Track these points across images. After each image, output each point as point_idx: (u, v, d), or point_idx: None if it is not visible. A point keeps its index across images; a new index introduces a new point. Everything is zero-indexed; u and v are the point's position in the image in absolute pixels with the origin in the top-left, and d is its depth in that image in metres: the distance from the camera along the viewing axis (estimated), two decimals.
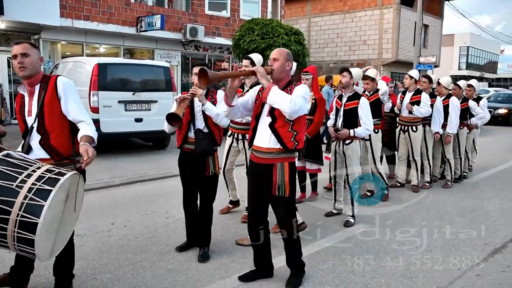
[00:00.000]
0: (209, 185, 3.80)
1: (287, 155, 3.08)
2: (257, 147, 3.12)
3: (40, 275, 3.33)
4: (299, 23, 24.83)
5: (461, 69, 44.19)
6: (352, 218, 4.79)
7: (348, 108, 4.79)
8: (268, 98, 2.92)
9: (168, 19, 14.99)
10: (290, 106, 2.85)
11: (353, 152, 4.79)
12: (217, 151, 3.84)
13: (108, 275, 3.47)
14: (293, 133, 3.01)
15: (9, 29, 12.34)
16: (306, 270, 3.47)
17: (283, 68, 3.07)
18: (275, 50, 3.16)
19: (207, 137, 3.69)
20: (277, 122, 3.00)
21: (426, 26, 24.29)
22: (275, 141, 3.02)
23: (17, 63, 2.79)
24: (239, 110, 3.22)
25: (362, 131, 4.72)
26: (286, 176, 3.05)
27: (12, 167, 2.46)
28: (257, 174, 3.17)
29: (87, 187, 6.09)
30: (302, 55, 14.00)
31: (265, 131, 3.06)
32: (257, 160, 3.13)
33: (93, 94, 7.86)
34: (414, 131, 6.29)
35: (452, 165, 6.84)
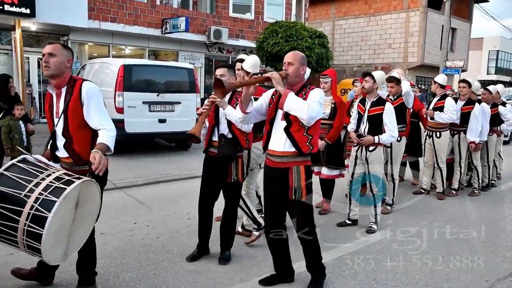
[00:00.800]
0: (232, 192, 3.77)
1: (302, 159, 3.06)
2: (272, 151, 3.11)
3: (65, 271, 3.40)
4: (323, 26, 24.71)
5: (489, 73, 43.03)
6: (375, 225, 4.69)
7: (373, 114, 4.65)
8: (284, 105, 2.88)
9: (193, 21, 15.16)
10: (308, 113, 2.84)
11: (376, 159, 4.67)
12: (242, 157, 3.76)
13: (130, 274, 3.51)
14: (308, 137, 3.01)
15: (40, 31, 12.73)
16: (327, 277, 3.42)
17: (297, 73, 3.04)
18: (289, 53, 3.12)
19: (229, 142, 3.64)
20: (292, 126, 2.98)
21: (454, 30, 23.80)
22: (290, 144, 3.01)
23: (43, 62, 2.84)
24: (254, 115, 3.19)
25: (387, 137, 4.59)
26: (302, 179, 3.05)
27: (24, 175, 2.54)
28: (273, 178, 3.15)
29: (111, 186, 6.25)
30: (326, 58, 13.93)
31: (280, 135, 3.05)
32: (273, 164, 3.12)
33: (118, 94, 8.00)
34: (437, 137, 6.14)
35: (479, 173, 6.65)
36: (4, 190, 2.47)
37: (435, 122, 6.09)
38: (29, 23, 12.06)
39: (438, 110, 6.05)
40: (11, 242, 2.53)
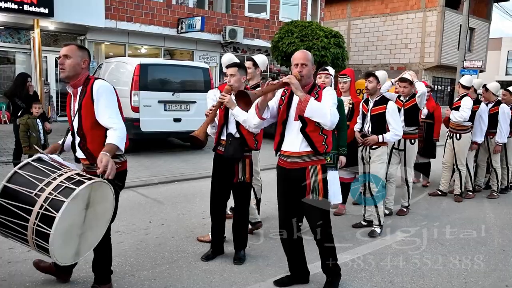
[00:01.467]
0: (240, 191, 3.75)
1: (318, 158, 3.06)
2: (287, 152, 3.08)
3: (81, 269, 3.43)
4: (338, 26, 24.54)
5: (508, 74, 42.18)
6: (378, 228, 4.59)
7: (376, 114, 4.60)
8: (306, 111, 2.85)
9: (208, 21, 15.20)
10: (331, 119, 2.85)
11: (377, 157, 4.60)
12: (250, 157, 3.74)
13: (145, 272, 3.53)
14: (324, 136, 3.01)
15: (58, 30, 12.91)
16: (343, 278, 3.39)
17: (310, 73, 3.04)
18: (299, 54, 3.06)
19: (237, 142, 3.60)
20: (308, 126, 2.97)
21: (472, 29, 23.38)
22: (306, 145, 3.00)
23: (59, 64, 2.86)
24: (268, 120, 3.15)
25: (391, 136, 4.54)
26: (319, 178, 3.04)
27: (37, 174, 2.56)
28: (288, 179, 3.12)
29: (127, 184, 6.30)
30: (342, 58, 13.81)
31: (294, 135, 3.02)
32: (288, 165, 3.09)
33: (134, 93, 8.07)
34: (458, 139, 6.05)
35: (498, 175, 6.53)
36: (17, 188, 2.50)
37: (456, 123, 6.00)
38: (47, 23, 12.25)
39: (455, 110, 5.97)
40: (23, 240, 2.55)
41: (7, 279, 3.33)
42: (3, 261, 3.65)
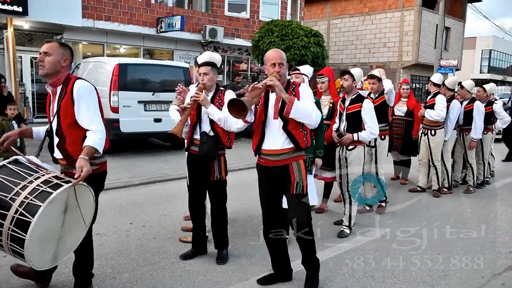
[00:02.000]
0: (217, 190, 3.72)
1: (300, 153, 3.12)
2: (269, 151, 3.09)
3: (61, 273, 3.36)
4: (318, 25, 24.71)
5: (482, 72, 43.31)
6: (347, 229, 4.54)
7: (351, 112, 4.55)
8: (291, 113, 2.88)
9: (188, 20, 15.10)
10: (315, 120, 2.97)
11: (355, 158, 4.54)
12: (224, 155, 3.74)
13: (127, 275, 3.48)
14: (304, 132, 3.08)
15: (33, 30, 12.61)
16: (326, 275, 3.43)
17: (286, 71, 3.10)
18: (274, 53, 3.09)
19: (211, 141, 3.59)
20: (290, 124, 3.01)
21: (448, 29, 23.90)
22: (288, 141, 3.04)
23: (38, 61, 2.79)
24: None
25: (367, 135, 4.48)
26: (303, 173, 3.10)
27: (13, 177, 2.49)
28: (271, 177, 3.14)
29: (107, 186, 6.21)
30: (322, 57, 13.92)
31: (276, 134, 3.06)
32: (271, 163, 3.10)
33: (113, 94, 7.95)
34: (432, 135, 6.14)
35: (474, 170, 6.68)
36: None
37: (431, 120, 6.09)
38: (22, 22, 11.94)
39: (429, 107, 6.07)
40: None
41: None
42: None
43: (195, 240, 3.86)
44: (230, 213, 3.99)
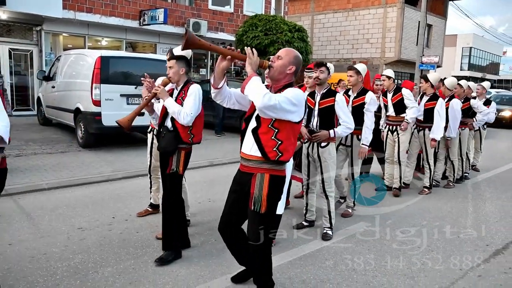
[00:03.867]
0: (169, 183, 3.61)
1: (269, 166, 2.68)
2: (242, 154, 2.80)
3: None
4: (302, 20, 24.76)
5: (463, 69, 44.16)
6: (330, 230, 4.34)
7: (324, 107, 4.29)
8: (246, 87, 2.56)
9: (171, 13, 14.95)
10: (263, 100, 2.44)
11: (329, 156, 4.29)
12: (187, 150, 3.65)
13: (110, 269, 3.46)
14: (277, 142, 2.63)
15: (11, 20, 12.30)
16: (308, 269, 3.45)
17: (283, 69, 2.71)
18: (284, 48, 2.85)
19: (170, 135, 3.57)
20: (261, 127, 2.65)
21: (430, 26, 24.25)
22: (256, 148, 2.68)
23: None
24: (232, 99, 2.87)
25: (343, 130, 4.26)
26: (264, 190, 2.67)
27: None
28: (239, 182, 2.85)
29: (89, 180, 6.17)
30: (305, 52, 13.97)
31: (250, 136, 2.73)
32: (241, 167, 2.84)
33: (95, 87, 7.83)
34: (402, 129, 5.98)
35: (456, 167, 6.78)
36: None
37: (397, 116, 6.02)
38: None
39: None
40: None
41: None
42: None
43: (164, 236, 3.72)
44: (216, 207, 3.98)
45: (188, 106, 3.50)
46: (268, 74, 2.74)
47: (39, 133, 9.80)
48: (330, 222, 4.37)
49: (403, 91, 6.03)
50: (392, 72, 6.39)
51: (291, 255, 3.81)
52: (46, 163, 6.91)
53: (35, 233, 4.19)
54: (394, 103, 6.09)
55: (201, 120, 3.71)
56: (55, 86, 9.66)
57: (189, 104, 3.51)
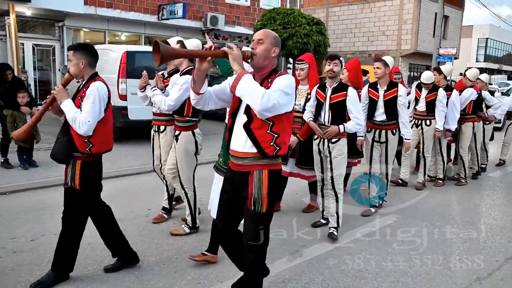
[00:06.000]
0: (65, 199, 3.11)
1: (267, 162, 2.49)
2: (232, 151, 2.57)
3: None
4: (317, 13, 24.62)
5: (478, 61, 43.49)
6: (336, 230, 4.18)
7: (335, 102, 4.14)
8: (237, 88, 2.31)
9: (189, 8, 15.03)
10: (262, 102, 2.23)
11: (340, 152, 4.15)
12: (82, 159, 3.02)
13: (153, 258, 3.59)
14: (273, 135, 2.44)
15: (35, 16, 12.52)
16: (308, 269, 3.42)
17: (267, 54, 2.47)
18: (260, 31, 2.56)
19: (63, 141, 3.02)
20: (254, 121, 2.43)
21: (446, 17, 23.92)
22: (251, 144, 2.45)
23: None
24: (212, 99, 2.56)
25: (353, 126, 4.14)
26: (264, 188, 2.48)
27: None
28: (233, 182, 2.62)
29: (121, 173, 6.28)
30: (324, 45, 13.96)
31: (240, 132, 2.49)
32: (234, 167, 2.59)
33: (122, 81, 7.99)
34: (428, 125, 6.01)
35: (465, 163, 6.54)
36: None
37: (428, 115, 5.99)
38: (24, 8, 11.84)
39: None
40: None
41: (15, 268, 3.33)
42: (7, 250, 3.64)
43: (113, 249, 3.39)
44: None
45: (84, 113, 2.89)
46: (252, 63, 2.48)
47: None
48: (337, 222, 4.21)
49: (440, 92, 5.92)
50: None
51: (291, 255, 3.71)
52: None
53: None
54: (427, 101, 6.01)
55: (107, 126, 3.11)
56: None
57: (86, 110, 2.90)
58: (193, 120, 3.99)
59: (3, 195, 5.18)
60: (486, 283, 3.40)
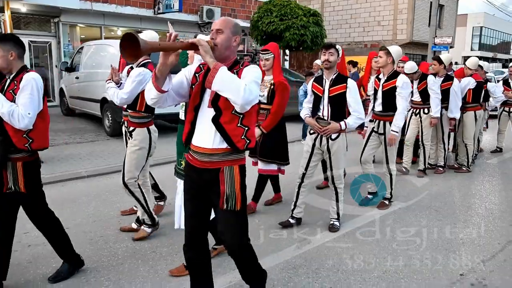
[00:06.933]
0: (7, 205, 2.88)
1: (236, 156, 2.37)
2: (197, 148, 2.36)
3: None
4: (312, 4, 24.58)
5: (473, 49, 43.65)
6: (337, 221, 4.16)
7: (334, 95, 3.92)
8: (213, 83, 2.12)
9: (185, 1, 14.99)
10: (244, 96, 2.10)
11: (340, 149, 3.98)
12: (23, 160, 2.83)
13: (166, 249, 3.67)
14: (244, 128, 2.32)
15: (30, 13, 12.46)
16: (306, 270, 3.37)
17: (228, 43, 2.32)
18: (219, 19, 2.38)
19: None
20: (223, 115, 2.27)
21: (442, 6, 23.97)
22: (221, 140, 2.31)
23: None
24: (170, 95, 2.32)
25: (354, 121, 3.90)
26: (236, 184, 2.36)
27: None
28: (199, 182, 2.42)
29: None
30: (321, 36, 13.99)
31: (207, 127, 2.32)
32: (199, 164, 2.37)
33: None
34: (426, 113, 6.07)
35: (470, 151, 6.56)
36: None
37: (424, 103, 6.03)
38: (19, 5, 11.79)
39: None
40: None
41: (32, 261, 3.41)
42: (23, 244, 3.71)
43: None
44: None
45: (22, 105, 2.70)
46: (214, 54, 2.24)
47: (65, 123, 10.03)
48: (338, 213, 4.15)
49: (429, 79, 5.99)
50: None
51: (290, 255, 3.64)
52: (79, 152, 7.13)
53: (87, 217, 4.41)
54: (420, 91, 6.08)
55: (46, 121, 2.95)
56: (79, 77, 9.84)
57: (24, 102, 2.71)
58: (149, 116, 3.79)
59: None
60: (490, 264, 3.51)
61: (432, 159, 6.59)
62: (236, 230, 2.42)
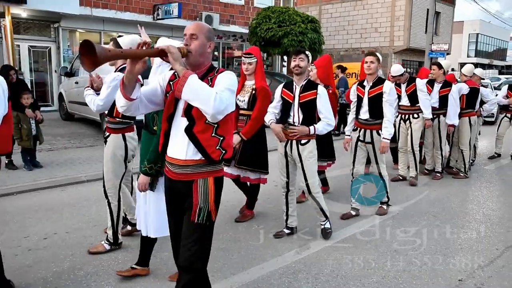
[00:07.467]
0: None
1: (211, 168, 2.26)
2: (171, 159, 2.27)
3: None
4: (310, 11, 24.74)
5: (469, 56, 43.95)
6: (327, 222, 4.10)
7: (305, 101, 3.89)
8: (183, 91, 2.02)
9: (184, 7, 15.07)
10: (214, 105, 1.99)
11: (311, 154, 3.92)
12: None
13: (166, 253, 3.67)
14: (219, 138, 2.21)
15: (30, 18, 12.52)
16: (305, 275, 3.35)
17: (203, 50, 2.22)
18: (191, 24, 2.26)
19: None
20: (196, 125, 2.17)
21: (438, 13, 24.16)
22: (194, 150, 2.20)
23: None
24: (143, 103, 2.22)
25: (323, 127, 3.88)
26: (210, 196, 2.25)
27: None
28: (175, 193, 2.34)
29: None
30: (319, 43, 14.09)
31: (180, 137, 2.22)
32: (173, 175, 2.29)
33: None
34: (416, 117, 6.07)
35: (466, 156, 6.57)
36: None
37: (412, 106, 6.05)
38: (20, 10, 11.85)
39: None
40: None
41: (33, 266, 3.41)
42: (23, 249, 3.71)
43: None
44: None
45: None
46: (188, 61, 2.18)
47: (64, 128, 10.05)
48: (325, 215, 4.06)
49: (417, 81, 6.04)
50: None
51: (290, 260, 3.65)
52: (79, 156, 7.15)
53: (88, 222, 4.42)
54: (408, 94, 6.08)
55: (10, 125, 2.90)
56: (78, 82, 9.87)
57: None
58: (125, 122, 3.65)
59: (11, 196, 5.25)
60: (488, 270, 3.54)
61: (429, 164, 6.64)
62: (204, 246, 2.26)
